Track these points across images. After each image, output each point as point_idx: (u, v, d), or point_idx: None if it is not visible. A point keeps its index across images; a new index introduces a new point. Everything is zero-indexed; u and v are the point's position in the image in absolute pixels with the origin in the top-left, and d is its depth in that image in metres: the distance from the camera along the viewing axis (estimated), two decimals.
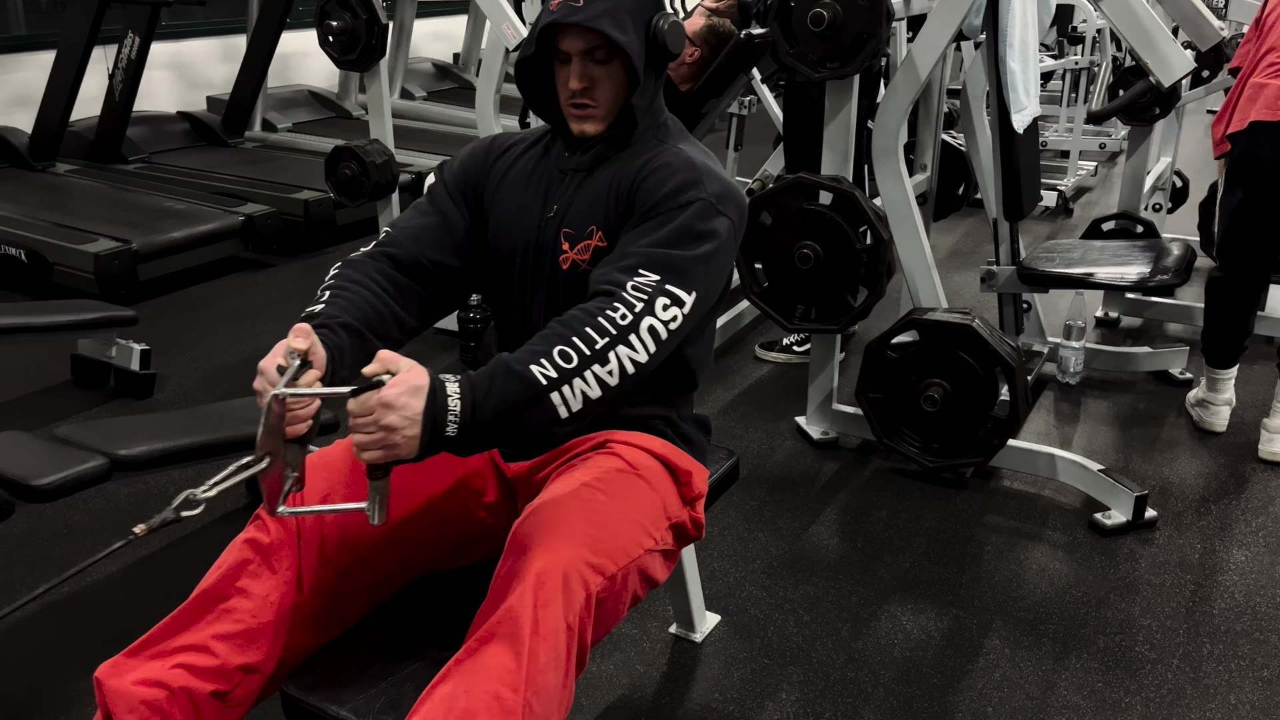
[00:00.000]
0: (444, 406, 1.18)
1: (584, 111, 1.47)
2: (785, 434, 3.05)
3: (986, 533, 2.53)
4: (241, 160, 5.50)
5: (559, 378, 1.23)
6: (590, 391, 1.25)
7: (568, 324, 1.28)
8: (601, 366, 1.26)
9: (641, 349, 1.29)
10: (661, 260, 1.35)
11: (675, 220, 1.38)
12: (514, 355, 1.24)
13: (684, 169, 1.43)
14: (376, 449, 1.16)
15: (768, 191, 2.68)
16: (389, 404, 1.14)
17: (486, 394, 1.20)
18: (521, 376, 1.22)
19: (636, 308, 1.30)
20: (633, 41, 1.42)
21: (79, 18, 4.80)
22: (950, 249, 4.84)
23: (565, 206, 1.50)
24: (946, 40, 2.56)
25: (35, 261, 4.04)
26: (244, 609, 1.34)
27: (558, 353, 1.24)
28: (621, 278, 1.33)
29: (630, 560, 1.36)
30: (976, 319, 2.58)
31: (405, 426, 1.15)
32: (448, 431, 1.18)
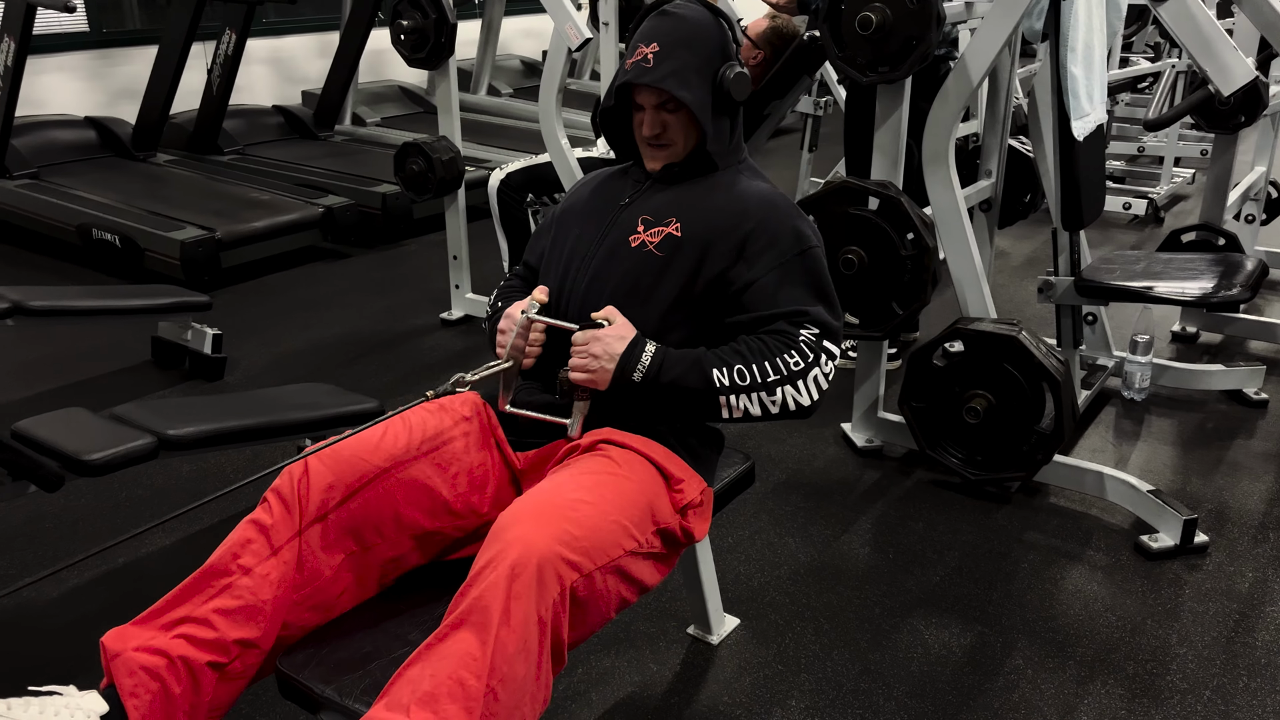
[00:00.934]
0: (637, 358, 1.52)
1: (659, 150, 1.69)
2: (829, 440, 3.02)
3: (1024, 550, 2.47)
4: (328, 153, 5.68)
5: (730, 387, 1.53)
6: (753, 409, 1.55)
7: (755, 351, 1.56)
8: (769, 396, 1.55)
9: (807, 395, 1.57)
10: (819, 319, 1.60)
11: (813, 268, 1.64)
12: (709, 352, 1.55)
13: (791, 210, 1.68)
14: (583, 372, 1.53)
15: (813, 195, 2.67)
16: (600, 338, 1.52)
17: (672, 366, 1.53)
18: (704, 373, 1.53)
19: (809, 359, 1.57)
20: (697, 97, 1.62)
21: (179, 15, 5.03)
22: (1027, 256, 4.71)
23: (644, 199, 1.70)
24: (1000, 45, 2.50)
25: (128, 247, 4.26)
26: (243, 585, 1.41)
27: (737, 370, 1.54)
28: (791, 330, 1.58)
29: (609, 560, 1.38)
30: (1023, 330, 2.52)
31: (605, 359, 1.52)
32: (634, 376, 1.52)
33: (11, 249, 4.82)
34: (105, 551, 2.40)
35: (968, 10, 2.80)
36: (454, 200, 3.78)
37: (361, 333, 3.83)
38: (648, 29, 1.66)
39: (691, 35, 1.64)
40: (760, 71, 3.43)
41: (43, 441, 2.10)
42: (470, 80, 7.07)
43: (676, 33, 1.64)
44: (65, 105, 5.65)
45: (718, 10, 1.70)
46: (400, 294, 4.28)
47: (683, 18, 1.66)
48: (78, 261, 4.57)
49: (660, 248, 1.64)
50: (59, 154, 5.13)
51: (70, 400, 3.29)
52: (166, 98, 5.26)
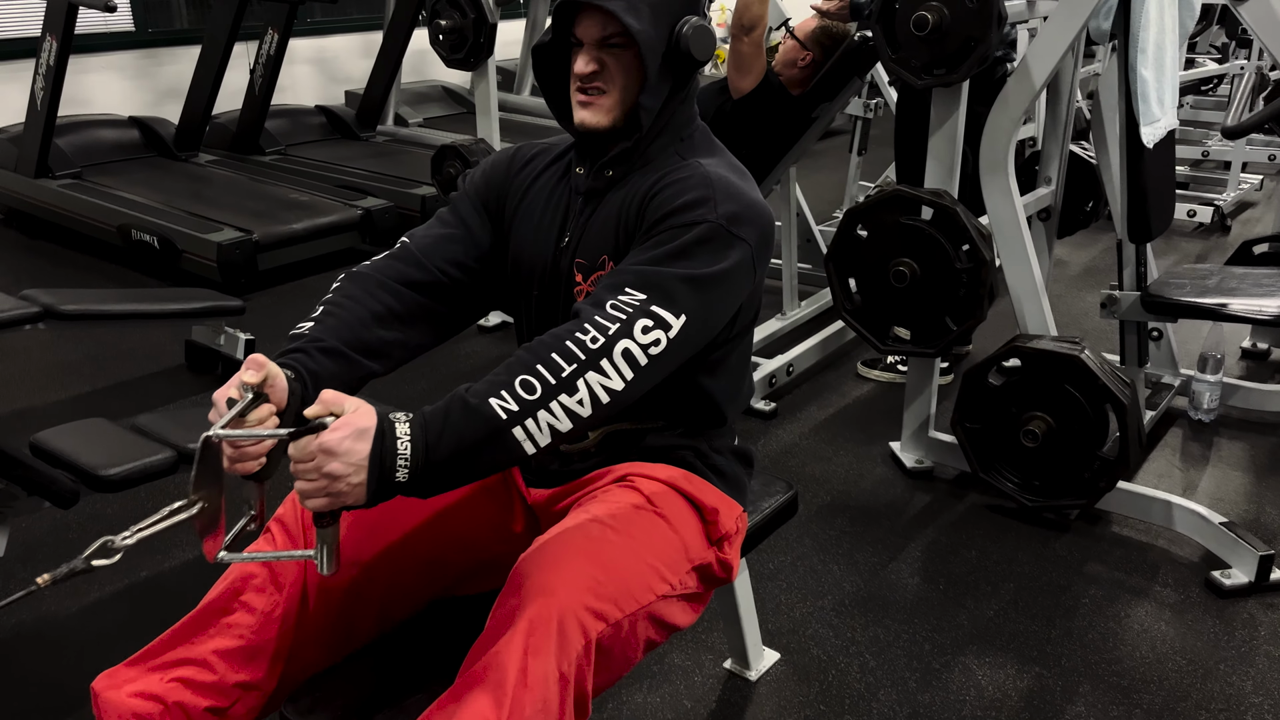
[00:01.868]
0: (393, 450, 1.09)
1: (588, 98, 1.35)
2: (877, 459, 2.89)
3: (1085, 583, 2.32)
4: (370, 154, 5.63)
5: (520, 411, 1.13)
6: (558, 424, 1.15)
7: (534, 350, 1.18)
8: (570, 396, 1.15)
9: (615, 375, 1.18)
10: (650, 279, 1.23)
11: (676, 240, 1.27)
12: (472, 388, 1.15)
13: (696, 185, 1.32)
14: (320, 497, 1.08)
15: (864, 204, 2.54)
16: (330, 450, 1.07)
17: (441, 433, 1.11)
18: (478, 412, 1.12)
19: (610, 329, 1.18)
20: (648, 33, 1.31)
21: (221, 14, 5.00)
22: (1084, 266, 4.53)
23: (578, 235, 1.42)
24: (1065, 46, 2.35)
25: (166, 248, 4.23)
26: (245, 624, 1.32)
27: (520, 383, 1.14)
28: (603, 296, 1.22)
29: (640, 606, 1.27)
30: (1086, 349, 2.37)
31: (350, 473, 1.07)
32: (398, 477, 1.10)
33: (54, 248, 4.82)
34: (127, 564, 2.34)
35: (1029, 9, 2.65)
36: None
37: None
38: None
39: None
40: (809, 73, 3.29)
41: (60, 454, 2.04)
42: (514, 80, 7.00)
43: None
44: (111, 105, 5.66)
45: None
46: None
47: None
48: (118, 261, 4.56)
49: None
50: (102, 154, 5.13)
51: (102, 404, 3.26)
52: (209, 98, 5.23)
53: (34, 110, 4.71)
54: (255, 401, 1.14)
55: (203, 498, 1.10)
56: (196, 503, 1.10)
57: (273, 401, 1.17)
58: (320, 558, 1.15)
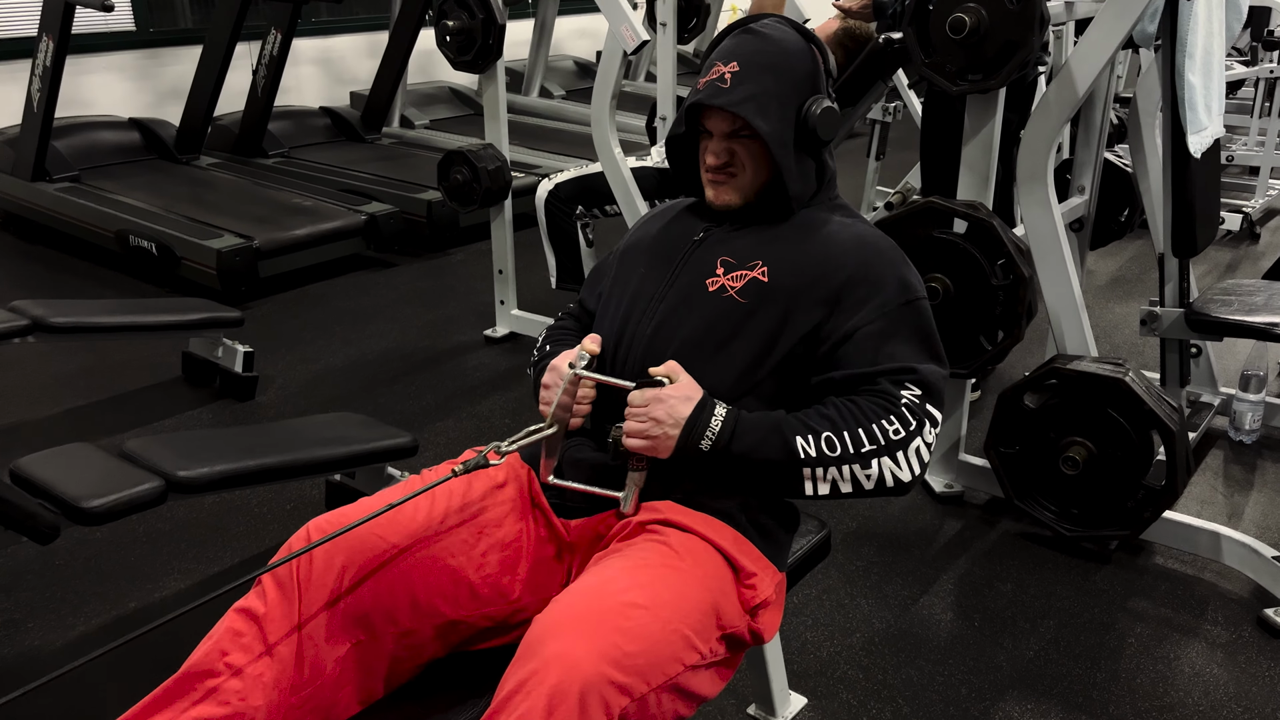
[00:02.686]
0: (705, 423, 1.28)
1: (722, 181, 1.45)
2: None
3: (1130, 620, 2.19)
4: (375, 157, 5.51)
5: (817, 459, 1.28)
6: (842, 485, 1.30)
7: (846, 418, 1.31)
8: (862, 469, 1.30)
9: (906, 468, 1.32)
10: (925, 379, 1.35)
11: (915, 320, 1.39)
12: (791, 418, 1.31)
13: (895, 256, 1.44)
14: (641, 439, 1.29)
15: (894, 215, 2.40)
16: (662, 399, 1.29)
17: (747, 432, 1.29)
18: (784, 440, 1.28)
19: (911, 426, 1.32)
20: (775, 130, 1.39)
21: (223, 14, 4.88)
22: (1112, 276, 4.39)
23: (721, 238, 1.47)
24: (1112, 50, 2.22)
25: (165, 255, 4.11)
26: (231, 689, 1.20)
27: (825, 439, 1.29)
28: (893, 389, 1.33)
29: (666, 679, 1.15)
30: (1130, 372, 2.24)
31: (668, 424, 1.28)
32: (701, 445, 1.28)
33: (51, 253, 4.70)
34: (115, 601, 2.22)
35: (1067, 11, 2.52)
36: (500, 211, 3.57)
37: (403, 349, 3.63)
38: (729, 46, 1.43)
39: (778, 59, 1.41)
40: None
41: (41, 484, 1.91)
42: (522, 82, 6.88)
43: (761, 55, 1.41)
44: (112, 106, 5.54)
45: (811, 36, 1.46)
46: (444, 307, 4.08)
47: (770, 38, 1.42)
48: (116, 268, 4.44)
49: (744, 294, 1.40)
50: (101, 156, 5.01)
51: (97, 419, 3.14)
52: (210, 99, 5.11)
53: (30, 112, 4.59)
54: (588, 366, 1.38)
55: (557, 422, 1.36)
56: (553, 425, 1.36)
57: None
58: (626, 497, 1.34)
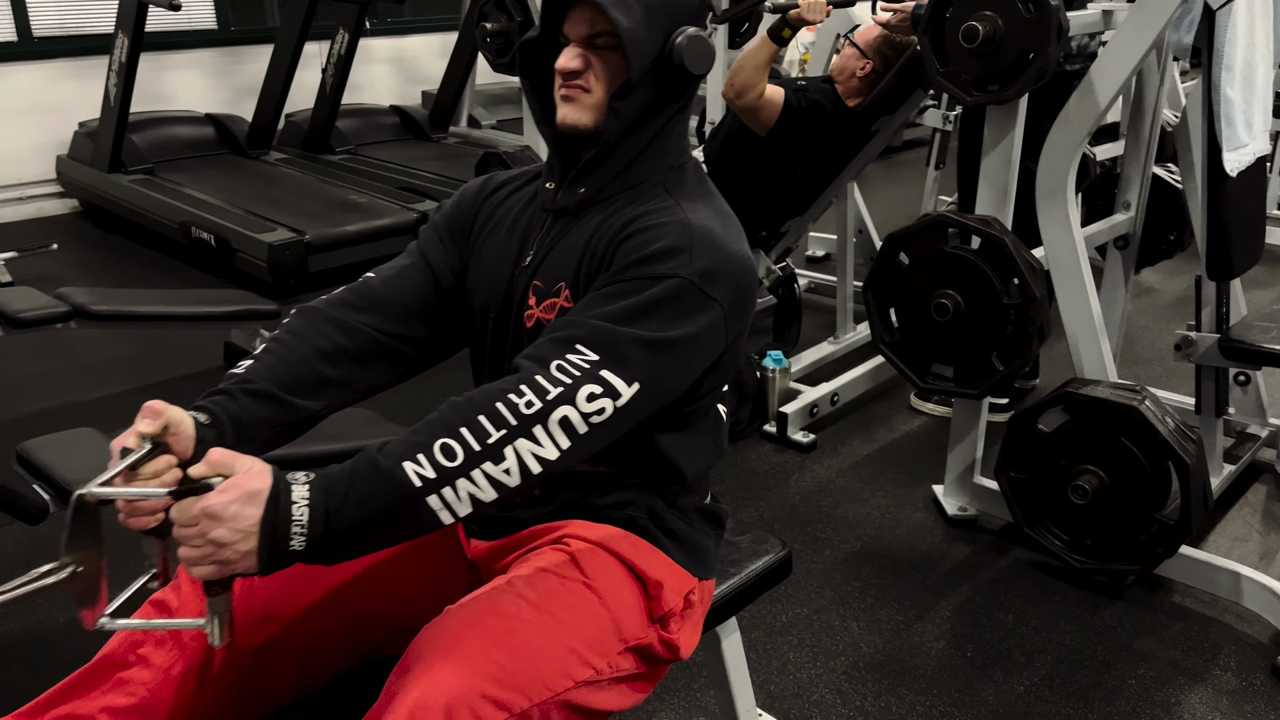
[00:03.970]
0: (287, 516, 0.98)
1: (571, 91, 1.24)
2: (918, 503, 2.67)
3: (1133, 660, 2.08)
4: (438, 155, 5.59)
5: (437, 479, 1.02)
6: (480, 494, 1.04)
7: (460, 409, 1.06)
8: (495, 464, 1.04)
9: (549, 444, 1.06)
10: (606, 338, 1.11)
11: (641, 293, 1.14)
12: (386, 447, 1.03)
13: (673, 233, 1.18)
14: (206, 564, 0.98)
15: (905, 229, 2.33)
16: (215, 515, 0.97)
17: (344, 498, 1.00)
18: (389, 477, 1.01)
19: (551, 393, 1.07)
20: (636, 32, 1.20)
21: (292, 14, 5.02)
22: (1177, 296, 4.19)
23: (542, 255, 1.29)
24: (1136, 60, 2.12)
25: (221, 247, 4.24)
26: (140, 680, 1.21)
27: (440, 447, 1.03)
28: (550, 353, 1.10)
29: (552, 695, 1.12)
30: (1146, 399, 2.13)
31: (237, 540, 0.97)
32: (293, 545, 0.99)
33: (124, 242, 4.90)
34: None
35: (1104, 20, 2.41)
36: None
37: None
38: None
39: None
40: (869, 83, 3.09)
41: (40, 466, 1.98)
42: None
43: None
44: (192, 102, 5.75)
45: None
46: None
47: None
48: (179, 258, 4.60)
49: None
50: (175, 150, 5.20)
51: (133, 405, 3.24)
52: (279, 97, 5.26)
53: (107, 106, 4.79)
54: (154, 452, 1.05)
55: (77, 560, 1.01)
56: (68, 566, 1.00)
57: (175, 452, 1.07)
58: (211, 628, 1.04)
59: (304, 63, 5.39)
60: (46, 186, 5.37)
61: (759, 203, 3.24)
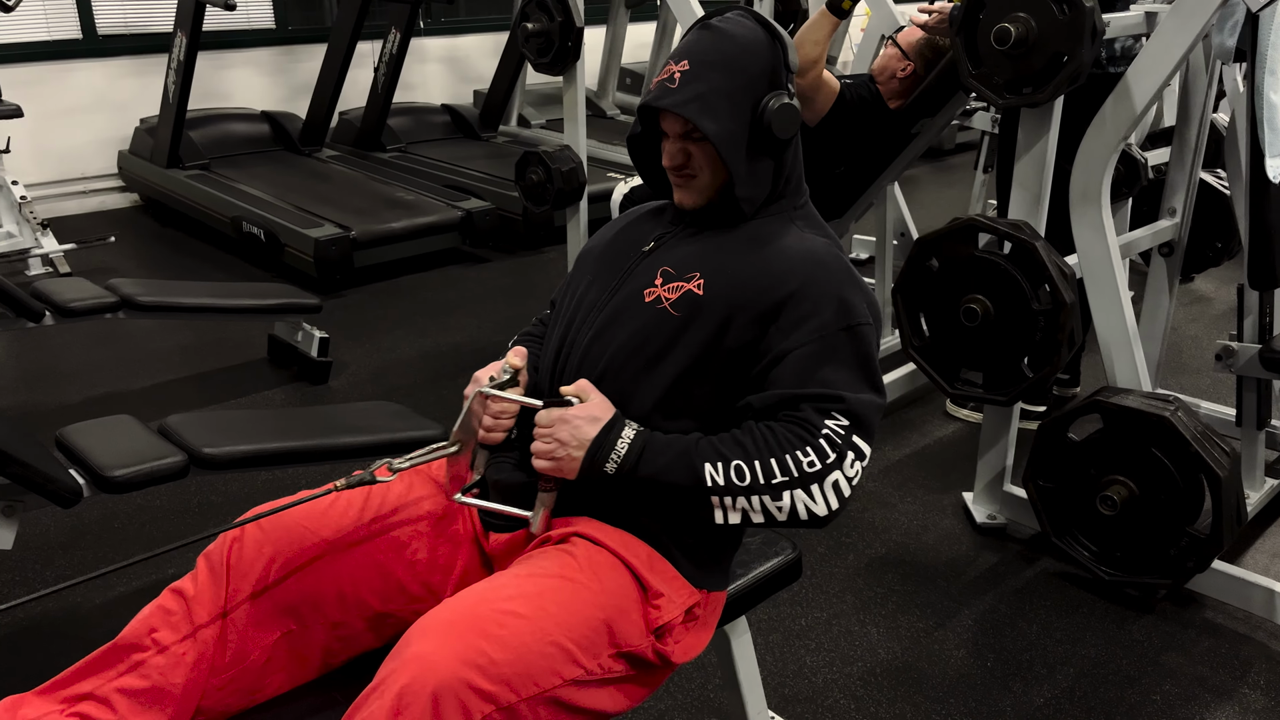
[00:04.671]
0: (611, 444, 1.25)
1: (682, 183, 1.41)
2: (947, 510, 2.64)
3: (1159, 676, 2.04)
4: (486, 154, 5.65)
5: (725, 488, 1.24)
6: (753, 515, 1.26)
7: (759, 445, 1.25)
8: (773, 501, 1.25)
9: (822, 502, 1.26)
10: (854, 409, 1.28)
11: (855, 348, 1.30)
12: (704, 441, 1.26)
13: (844, 278, 1.34)
14: (547, 459, 1.27)
15: (936, 233, 2.31)
16: (567, 420, 1.26)
17: (655, 456, 1.25)
18: (692, 466, 1.24)
19: (829, 459, 1.25)
20: (724, 129, 1.33)
21: (345, 14, 5.10)
22: (1229, 306, 4.08)
23: (668, 246, 1.43)
24: (1173, 64, 2.07)
25: (271, 241, 4.33)
26: (154, 664, 1.26)
27: (735, 467, 1.24)
28: (816, 418, 1.27)
29: (539, 691, 1.14)
30: (1179, 410, 2.08)
31: (573, 446, 1.26)
32: (606, 467, 1.25)
33: (180, 235, 5.03)
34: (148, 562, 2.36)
35: (1147, 21, 2.36)
36: (575, 213, 3.61)
37: (476, 343, 3.72)
38: (684, 44, 1.39)
39: (732, 55, 1.34)
40: (910, 85, 3.06)
41: (78, 451, 2.05)
42: (642, 84, 6.92)
43: (713, 51, 1.34)
44: (249, 99, 5.87)
45: (773, 29, 1.39)
46: (527, 304, 4.15)
47: (726, 34, 1.36)
48: (231, 252, 4.71)
49: (677, 306, 1.34)
50: (230, 146, 5.32)
51: (176, 394, 3.34)
52: (332, 95, 5.36)
53: (166, 103, 4.92)
54: (509, 382, 1.37)
55: (459, 442, 1.34)
56: (455, 445, 1.34)
57: (520, 382, 1.39)
58: (535, 517, 1.31)
59: (358, 61, 5.49)
60: (109, 181, 5.53)
61: None
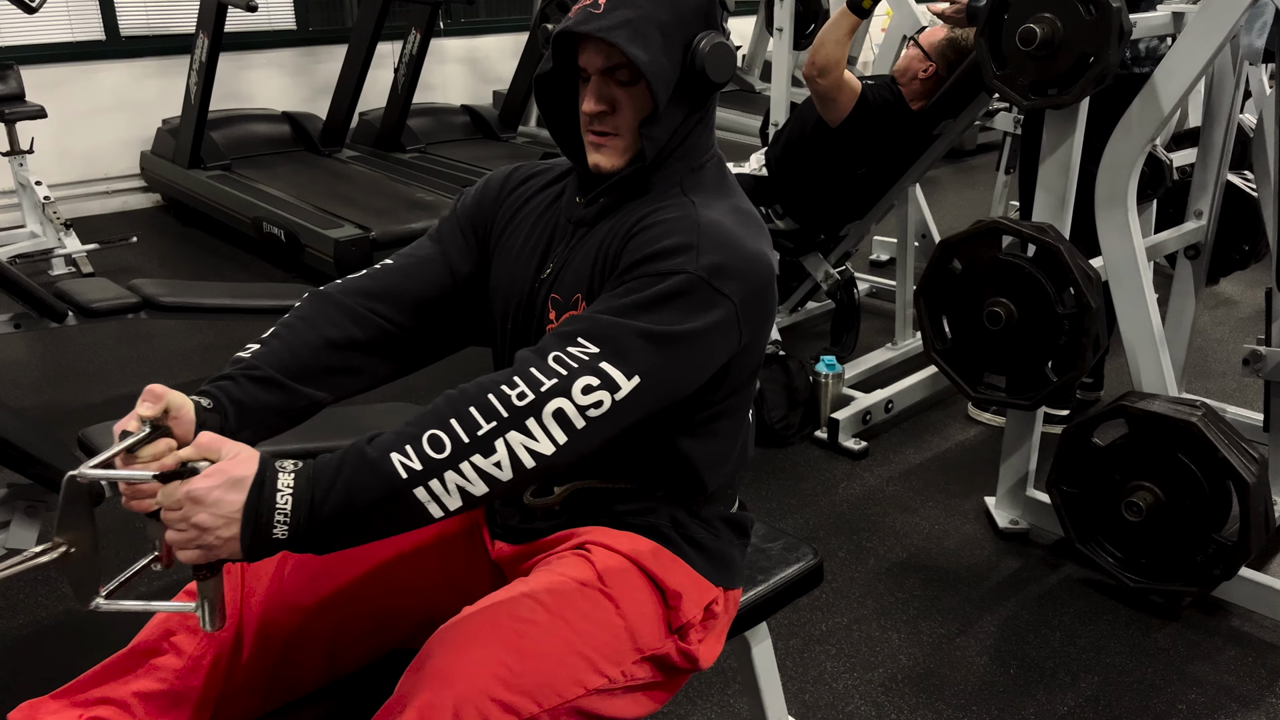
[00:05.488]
0: (270, 504, 0.97)
1: (600, 139, 1.22)
2: (969, 515, 2.62)
3: (1185, 685, 2.01)
4: (506, 155, 5.65)
5: (425, 470, 1.00)
6: (470, 487, 1.01)
7: (453, 400, 1.04)
8: (485, 457, 1.01)
9: (544, 437, 1.03)
10: (606, 330, 1.08)
11: (647, 289, 1.12)
12: (377, 439, 1.01)
13: (681, 229, 1.16)
14: (191, 549, 0.98)
15: (959, 235, 2.29)
16: (198, 499, 0.96)
17: (330, 488, 0.98)
18: (376, 468, 0.99)
19: (545, 385, 1.04)
20: (657, 62, 1.17)
21: (365, 15, 5.12)
22: (1257, 307, 4.03)
23: (560, 265, 1.27)
24: (1201, 65, 2.05)
25: (291, 242, 4.34)
26: (171, 668, 1.25)
27: (428, 439, 1.00)
28: (549, 345, 1.08)
29: (563, 701, 1.13)
30: (1204, 415, 2.06)
31: (220, 526, 0.97)
32: (275, 534, 0.98)
33: (202, 235, 5.06)
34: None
35: (1174, 22, 2.33)
36: None
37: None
38: None
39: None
40: (932, 86, 3.04)
41: (99, 451, 2.05)
42: None
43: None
44: (270, 100, 5.90)
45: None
46: None
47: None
48: (252, 252, 4.73)
49: None
50: (251, 147, 5.34)
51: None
52: (353, 96, 5.38)
53: (188, 104, 4.95)
54: (154, 435, 1.05)
55: (70, 540, 1.01)
56: (60, 546, 1.01)
57: (176, 435, 1.07)
58: (202, 613, 1.05)
59: (377, 62, 5.50)
60: (131, 181, 5.56)
61: (819, 205, 3.21)
